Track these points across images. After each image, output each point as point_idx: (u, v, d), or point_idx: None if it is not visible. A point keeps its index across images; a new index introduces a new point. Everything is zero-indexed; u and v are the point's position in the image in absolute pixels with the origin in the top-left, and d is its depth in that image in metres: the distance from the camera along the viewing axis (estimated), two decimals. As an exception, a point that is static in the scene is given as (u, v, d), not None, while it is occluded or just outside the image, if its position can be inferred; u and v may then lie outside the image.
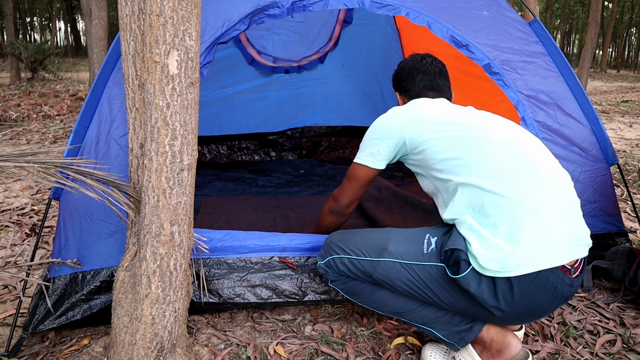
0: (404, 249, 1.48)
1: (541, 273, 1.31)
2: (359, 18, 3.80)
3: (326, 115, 4.14)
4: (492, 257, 1.30)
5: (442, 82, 1.78)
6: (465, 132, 1.48)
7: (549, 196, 1.37)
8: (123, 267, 1.47)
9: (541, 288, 1.33)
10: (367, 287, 1.58)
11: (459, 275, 1.35)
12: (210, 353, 1.65)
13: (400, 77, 1.83)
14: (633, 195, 3.54)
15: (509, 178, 1.38)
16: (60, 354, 1.63)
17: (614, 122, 7.17)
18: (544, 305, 1.38)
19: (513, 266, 1.29)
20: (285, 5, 1.86)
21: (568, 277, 1.36)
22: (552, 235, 1.32)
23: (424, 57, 1.82)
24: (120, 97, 1.74)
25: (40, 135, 5.36)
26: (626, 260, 2.06)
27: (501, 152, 1.43)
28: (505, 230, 1.33)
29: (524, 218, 1.32)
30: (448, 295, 1.43)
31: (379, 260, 1.50)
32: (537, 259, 1.30)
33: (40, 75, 10.59)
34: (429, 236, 1.49)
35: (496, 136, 1.47)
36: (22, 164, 1.30)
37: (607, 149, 2.13)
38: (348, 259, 1.56)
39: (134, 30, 1.42)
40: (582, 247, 1.40)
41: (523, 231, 1.31)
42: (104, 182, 1.43)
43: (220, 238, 1.78)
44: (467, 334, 1.50)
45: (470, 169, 1.42)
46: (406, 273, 1.46)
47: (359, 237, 1.59)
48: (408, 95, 1.79)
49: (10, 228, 2.74)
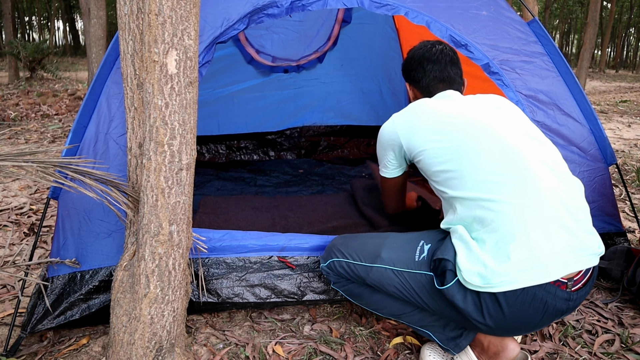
0: (397, 256, 1.48)
1: (527, 289, 1.26)
2: (358, 17, 3.80)
3: (325, 114, 4.14)
4: (475, 270, 1.27)
5: (454, 72, 1.70)
6: (457, 141, 1.42)
7: (541, 207, 1.30)
8: (122, 267, 1.47)
9: (528, 304, 1.28)
10: (366, 290, 1.58)
11: (444, 286, 1.34)
12: (208, 353, 1.65)
13: (409, 66, 1.76)
14: (632, 195, 3.55)
15: (499, 191, 1.33)
16: (59, 354, 1.63)
17: (613, 122, 7.18)
18: (533, 320, 1.33)
19: (496, 282, 1.24)
20: (284, 5, 1.86)
21: (563, 291, 1.30)
22: (542, 251, 1.25)
23: (434, 44, 1.74)
24: (119, 97, 1.74)
25: (38, 135, 5.35)
26: (624, 260, 2.06)
27: (494, 162, 1.36)
28: (492, 245, 1.29)
29: (511, 233, 1.27)
30: (436, 304, 1.42)
31: (371, 266, 1.51)
32: (523, 275, 1.24)
33: (39, 74, 10.57)
34: (422, 243, 1.48)
35: (490, 143, 1.39)
36: (20, 163, 1.30)
37: (606, 149, 2.13)
38: (346, 263, 1.58)
39: (133, 30, 1.42)
40: (584, 257, 1.31)
41: (509, 247, 1.26)
42: (102, 181, 1.43)
43: (219, 238, 1.78)
44: (462, 341, 1.51)
45: (461, 182, 1.39)
46: (397, 279, 1.46)
47: (357, 242, 1.61)
48: (418, 86, 1.74)
49: (9, 227, 2.74)
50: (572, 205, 1.35)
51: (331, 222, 2.37)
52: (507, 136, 1.41)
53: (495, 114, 1.50)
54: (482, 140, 1.40)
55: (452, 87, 1.70)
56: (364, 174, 3.58)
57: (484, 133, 1.42)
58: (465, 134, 1.43)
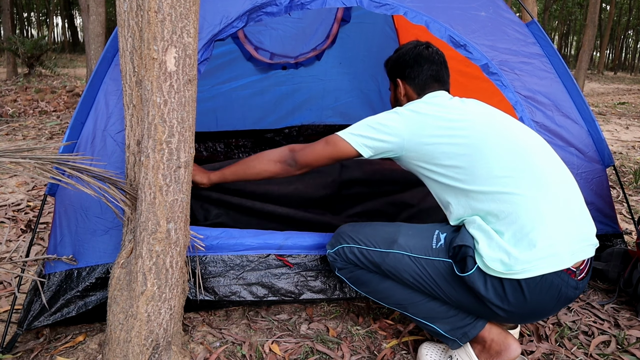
0: (414, 243, 1.50)
1: (546, 276, 1.32)
2: (357, 17, 3.80)
3: (323, 112, 4.14)
4: (497, 257, 1.32)
5: (446, 74, 1.75)
6: (467, 139, 1.46)
7: (553, 199, 1.38)
8: (119, 264, 1.47)
9: (545, 291, 1.34)
10: (374, 276, 1.58)
11: (465, 273, 1.37)
12: (205, 351, 1.65)
13: (404, 63, 1.74)
14: (629, 197, 3.56)
15: (515, 184, 1.39)
16: (55, 351, 1.62)
17: (611, 124, 7.19)
18: (547, 307, 1.40)
19: (519, 269, 1.30)
20: (283, 3, 1.85)
21: (573, 280, 1.37)
22: (558, 240, 1.33)
23: (427, 45, 1.76)
24: (117, 94, 1.74)
25: (36, 131, 5.33)
26: (621, 262, 2.07)
27: (505, 157, 1.42)
28: (510, 235, 1.35)
29: (530, 224, 1.34)
30: (453, 291, 1.44)
31: (388, 251, 1.51)
32: (543, 263, 1.31)
33: (37, 71, 10.54)
34: (438, 232, 1.51)
35: (498, 139, 1.46)
36: (18, 159, 1.29)
37: (604, 151, 2.13)
38: (358, 249, 1.57)
39: (132, 27, 1.42)
40: (586, 247, 1.40)
41: (530, 236, 1.32)
42: (100, 178, 1.43)
43: (216, 235, 1.77)
44: (471, 330, 1.50)
45: (473, 177, 1.43)
46: (414, 266, 1.47)
47: (369, 229, 1.61)
48: (412, 84, 1.73)
49: (6, 224, 2.73)
50: (576, 196, 1.45)
51: None
52: (513, 131, 1.49)
53: (496, 112, 1.57)
54: (492, 136, 1.46)
55: (444, 88, 1.73)
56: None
57: (492, 129, 1.48)
58: (475, 130, 1.48)
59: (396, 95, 1.80)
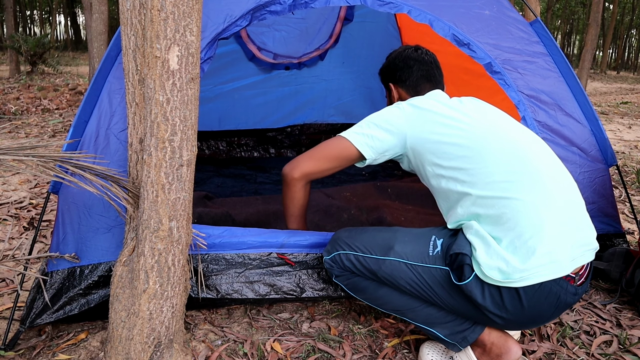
0: (410, 249, 1.48)
1: (544, 284, 1.30)
2: (360, 16, 3.80)
3: (325, 111, 4.14)
4: (495, 266, 1.30)
5: (438, 73, 1.75)
6: (467, 140, 1.46)
7: (553, 204, 1.36)
8: (121, 262, 1.47)
9: (544, 298, 1.33)
10: (371, 283, 1.57)
11: (462, 281, 1.35)
12: (207, 349, 1.66)
13: (394, 67, 1.78)
14: (631, 197, 3.55)
15: (515, 189, 1.36)
16: (57, 348, 1.63)
17: (614, 123, 7.18)
18: (545, 314, 1.38)
19: (517, 277, 1.28)
20: (287, 2, 1.85)
21: (572, 286, 1.36)
22: (557, 246, 1.31)
23: (417, 47, 1.78)
24: (121, 92, 1.74)
25: (39, 129, 5.34)
26: (623, 262, 2.07)
27: (506, 161, 1.41)
28: (508, 242, 1.32)
29: (529, 230, 1.32)
30: (450, 298, 1.43)
31: (384, 258, 1.50)
32: (542, 270, 1.29)
33: (40, 68, 10.55)
34: (434, 238, 1.49)
35: (498, 143, 1.44)
36: (20, 157, 1.29)
37: (607, 150, 2.13)
38: (354, 256, 1.56)
39: (135, 25, 1.42)
40: (586, 252, 1.39)
41: (529, 243, 1.30)
42: (103, 176, 1.43)
43: (218, 234, 1.78)
44: (470, 334, 1.50)
45: (473, 181, 1.41)
46: (410, 273, 1.46)
47: (366, 235, 1.60)
48: (404, 86, 1.75)
49: (9, 221, 2.74)
50: (576, 200, 1.43)
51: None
52: (513, 134, 1.47)
53: (495, 114, 1.56)
54: (491, 139, 1.45)
55: (437, 87, 1.73)
56: (363, 172, 3.59)
57: (492, 132, 1.46)
58: (475, 134, 1.46)
59: (391, 101, 1.81)
